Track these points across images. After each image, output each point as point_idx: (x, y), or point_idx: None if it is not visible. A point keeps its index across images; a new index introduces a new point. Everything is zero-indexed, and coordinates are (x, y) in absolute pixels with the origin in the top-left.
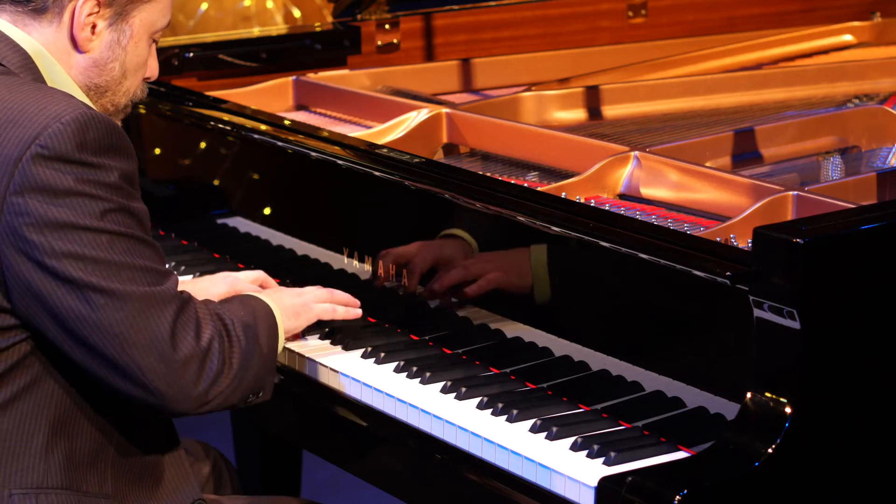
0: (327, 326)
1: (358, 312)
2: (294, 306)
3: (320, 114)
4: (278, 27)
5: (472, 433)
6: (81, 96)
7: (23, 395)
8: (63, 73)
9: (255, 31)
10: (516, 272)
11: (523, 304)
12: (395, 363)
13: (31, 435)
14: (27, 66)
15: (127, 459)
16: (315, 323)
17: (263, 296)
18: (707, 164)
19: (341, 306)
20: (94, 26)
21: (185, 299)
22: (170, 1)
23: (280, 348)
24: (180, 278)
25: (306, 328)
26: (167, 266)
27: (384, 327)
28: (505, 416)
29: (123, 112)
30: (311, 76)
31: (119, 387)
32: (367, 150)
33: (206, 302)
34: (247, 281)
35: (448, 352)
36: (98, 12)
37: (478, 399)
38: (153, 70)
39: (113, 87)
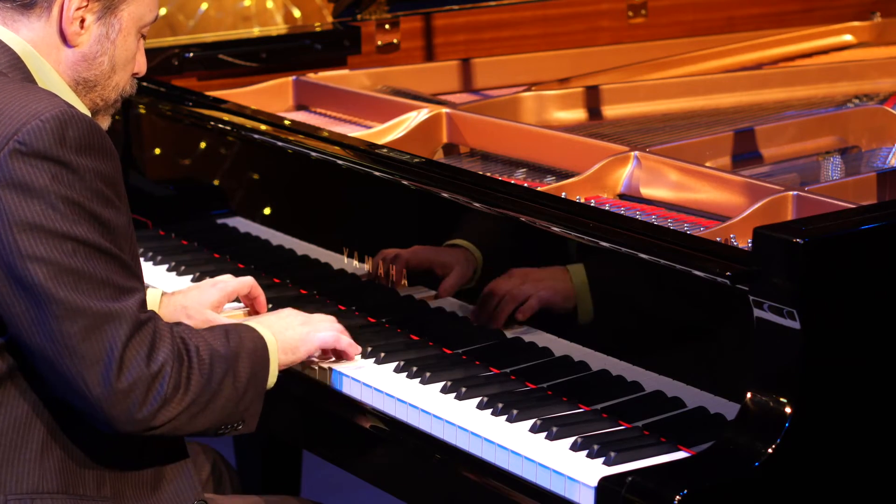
0: None
1: (357, 350)
2: (293, 340)
3: (320, 114)
4: (278, 27)
5: (472, 433)
6: (70, 94)
7: (14, 401)
8: (52, 71)
9: (255, 31)
10: (523, 277)
11: (524, 305)
12: (395, 363)
13: (25, 440)
14: (16, 66)
15: (126, 461)
16: None
17: (262, 326)
18: (707, 164)
19: (345, 338)
20: (82, 20)
21: (143, 319)
22: None
23: (272, 382)
24: (179, 279)
25: None
26: (142, 279)
27: (384, 327)
28: (505, 416)
29: (113, 107)
30: (311, 76)
31: (67, 397)
32: (367, 150)
33: (177, 325)
34: (237, 285)
35: (448, 352)
36: (86, 6)
37: (478, 399)
38: (141, 66)
39: (102, 81)
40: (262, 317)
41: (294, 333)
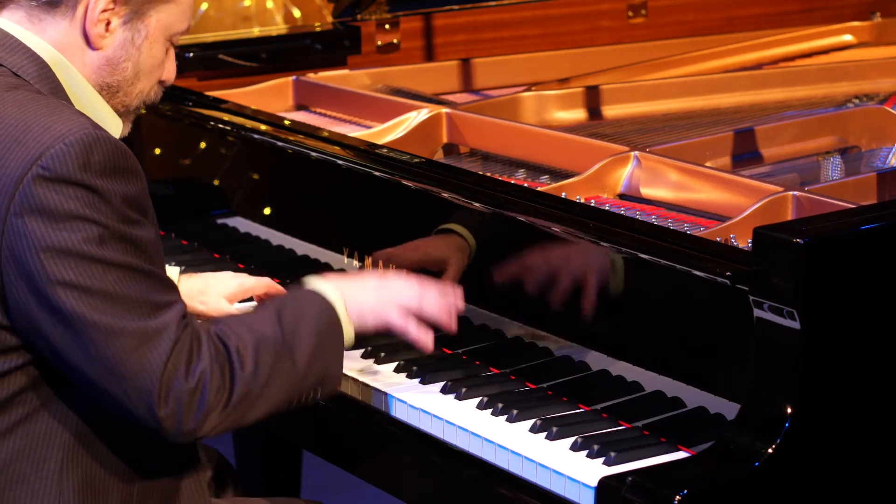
0: None
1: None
2: (363, 306)
3: (320, 114)
4: (278, 27)
5: (473, 433)
6: (99, 100)
7: (33, 418)
8: (80, 77)
9: (255, 31)
10: (519, 271)
11: (523, 304)
12: (395, 363)
13: (44, 459)
14: (44, 76)
15: (145, 480)
16: None
17: (325, 282)
18: (707, 164)
19: (417, 329)
20: (108, 23)
21: (178, 333)
22: (190, 5)
23: (350, 339)
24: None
25: None
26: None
27: None
28: (505, 416)
29: (135, 113)
30: (311, 76)
31: (117, 411)
32: (367, 150)
33: (213, 323)
34: (254, 284)
35: (448, 352)
36: (113, 9)
37: (478, 399)
38: (170, 73)
39: (125, 87)
40: (338, 278)
41: (367, 298)
